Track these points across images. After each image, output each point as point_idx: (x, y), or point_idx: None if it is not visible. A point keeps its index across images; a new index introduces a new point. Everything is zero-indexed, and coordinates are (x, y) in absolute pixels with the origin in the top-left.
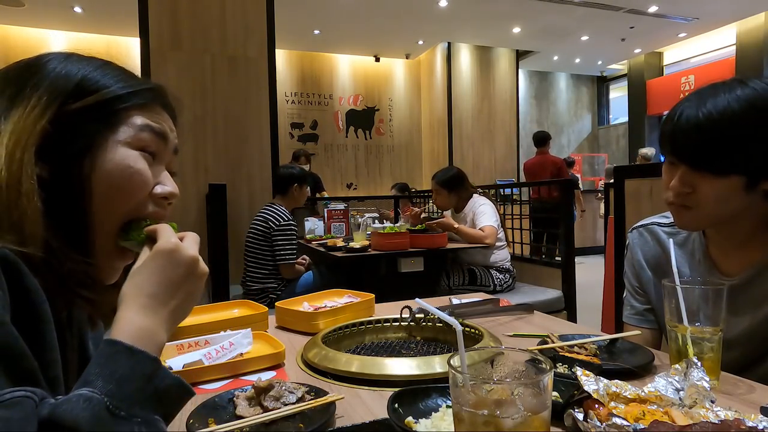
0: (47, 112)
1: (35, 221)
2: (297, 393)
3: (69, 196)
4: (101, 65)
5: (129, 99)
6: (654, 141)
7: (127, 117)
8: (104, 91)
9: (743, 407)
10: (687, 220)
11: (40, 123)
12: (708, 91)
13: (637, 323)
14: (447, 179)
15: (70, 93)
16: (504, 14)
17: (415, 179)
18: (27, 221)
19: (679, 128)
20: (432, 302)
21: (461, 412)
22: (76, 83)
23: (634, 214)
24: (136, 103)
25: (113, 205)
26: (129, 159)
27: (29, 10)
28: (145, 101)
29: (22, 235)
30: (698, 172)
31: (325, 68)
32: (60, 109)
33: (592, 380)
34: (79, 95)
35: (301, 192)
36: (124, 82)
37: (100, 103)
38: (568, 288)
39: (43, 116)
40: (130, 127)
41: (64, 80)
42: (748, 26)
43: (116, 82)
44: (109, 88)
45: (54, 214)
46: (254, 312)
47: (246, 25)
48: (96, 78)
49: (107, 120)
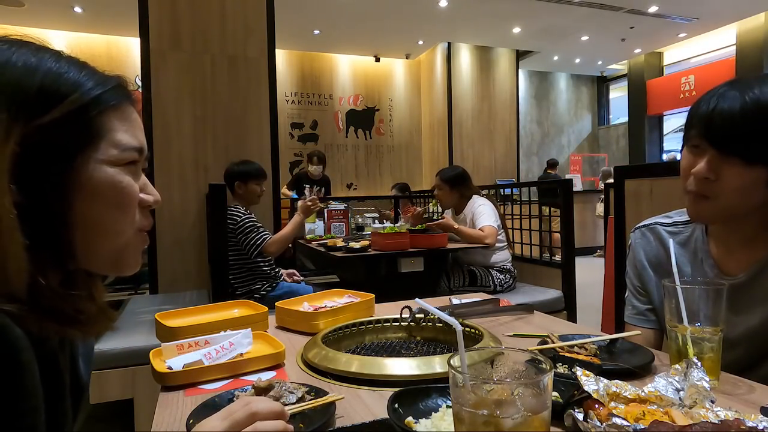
0: (13, 133)
1: (19, 258)
2: (297, 393)
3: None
4: (55, 57)
5: (100, 103)
6: (654, 141)
7: (105, 128)
8: (74, 96)
9: (743, 407)
10: (703, 210)
11: (7, 148)
12: (751, 80)
13: (639, 323)
14: (452, 176)
15: (34, 103)
16: (504, 14)
17: (415, 179)
18: (10, 259)
19: (719, 111)
20: (432, 302)
21: (461, 412)
22: (38, 89)
23: (634, 214)
24: (109, 105)
25: (104, 225)
26: (115, 177)
27: (29, 10)
28: (117, 102)
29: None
30: (727, 159)
31: (325, 68)
32: (27, 126)
33: (592, 380)
34: (44, 104)
35: (247, 189)
36: (89, 79)
37: (72, 112)
38: (568, 288)
39: (9, 138)
40: (113, 147)
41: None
42: (748, 26)
43: (83, 81)
44: (78, 90)
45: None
46: (254, 312)
47: (246, 25)
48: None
49: (84, 134)
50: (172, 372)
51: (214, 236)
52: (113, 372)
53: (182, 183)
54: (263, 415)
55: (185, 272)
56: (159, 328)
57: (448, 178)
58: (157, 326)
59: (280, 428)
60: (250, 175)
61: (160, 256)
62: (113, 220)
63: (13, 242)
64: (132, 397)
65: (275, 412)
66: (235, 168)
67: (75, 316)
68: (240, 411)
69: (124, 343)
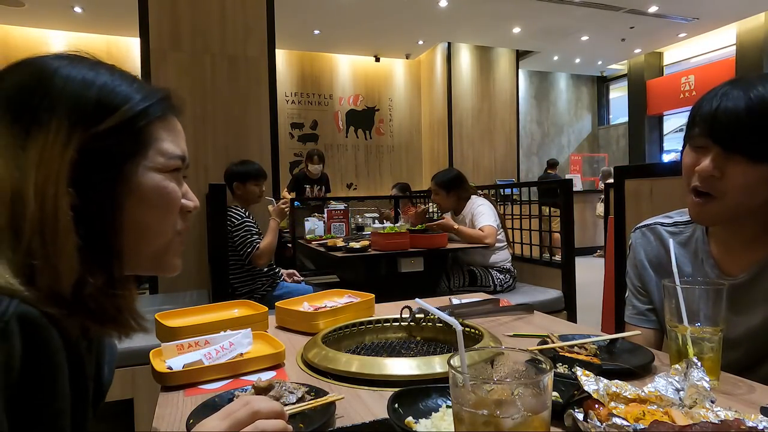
0: (73, 140)
1: (72, 257)
2: (297, 393)
3: (103, 226)
4: (109, 72)
5: (149, 114)
6: (654, 141)
7: (152, 138)
8: (125, 108)
9: (743, 407)
10: (707, 210)
11: (67, 153)
12: (754, 79)
13: (639, 323)
14: (446, 180)
15: (91, 113)
16: (504, 14)
17: (415, 179)
18: (64, 258)
19: (723, 109)
20: (432, 302)
21: (461, 412)
22: (96, 101)
23: (634, 214)
24: (156, 117)
25: (149, 227)
26: (161, 183)
27: (29, 10)
28: (163, 113)
29: (56, 273)
30: (731, 157)
31: (325, 68)
32: (84, 134)
33: (592, 380)
34: (100, 115)
35: (246, 189)
36: (138, 92)
37: (124, 122)
38: (568, 288)
39: (69, 145)
40: (160, 155)
41: (81, 98)
42: (748, 26)
43: (133, 94)
44: (129, 102)
45: (88, 247)
46: (254, 312)
47: (246, 25)
48: (113, 91)
49: (135, 142)
50: (172, 372)
51: (214, 236)
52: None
53: None
54: (264, 414)
55: (185, 272)
56: (159, 328)
57: (443, 183)
58: (157, 326)
59: (280, 427)
60: (249, 175)
61: None
62: (157, 222)
63: (68, 242)
64: (132, 397)
65: (275, 411)
66: (234, 168)
67: (116, 315)
68: (241, 410)
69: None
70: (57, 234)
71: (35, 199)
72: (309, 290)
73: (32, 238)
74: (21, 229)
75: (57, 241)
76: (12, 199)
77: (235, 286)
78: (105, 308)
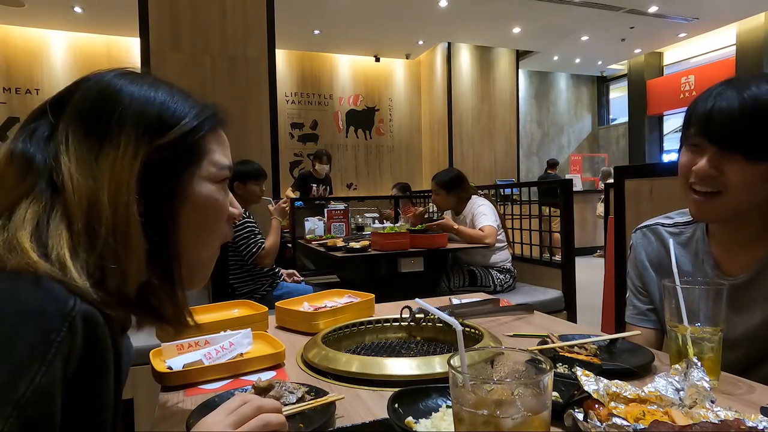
0: (140, 152)
1: (141, 259)
2: (297, 393)
3: (164, 231)
4: (167, 89)
5: (203, 128)
6: (654, 141)
7: (205, 149)
8: (183, 123)
9: (743, 407)
10: (710, 206)
11: (135, 164)
12: (748, 79)
13: (640, 323)
14: (447, 180)
15: (154, 128)
16: (504, 14)
17: (415, 179)
18: (134, 260)
19: (718, 109)
20: (432, 302)
21: (461, 412)
22: (158, 117)
23: (634, 214)
24: (208, 130)
25: (199, 234)
26: (213, 192)
27: (29, 10)
28: (213, 127)
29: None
30: (728, 156)
31: (325, 68)
32: (149, 146)
33: (592, 380)
34: (161, 129)
35: (246, 189)
36: (193, 108)
37: (182, 135)
38: (568, 288)
39: (137, 157)
40: (212, 165)
41: (146, 114)
42: (748, 26)
43: (189, 110)
44: (185, 117)
45: (153, 251)
46: (254, 312)
47: (246, 26)
48: (171, 107)
49: (191, 154)
50: (172, 372)
51: None
52: None
53: None
54: (267, 409)
55: None
56: (159, 328)
57: (443, 183)
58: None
59: (281, 420)
60: (249, 175)
61: None
62: (209, 229)
63: (138, 246)
64: (132, 397)
65: (276, 407)
66: (235, 168)
67: (175, 314)
68: (246, 405)
69: None
70: (129, 238)
71: (110, 206)
72: (309, 290)
73: (106, 242)
74: (96, 233)
75: (129, 245)
76: (88, 206)
77: (235, 286)
78: (165, 308)
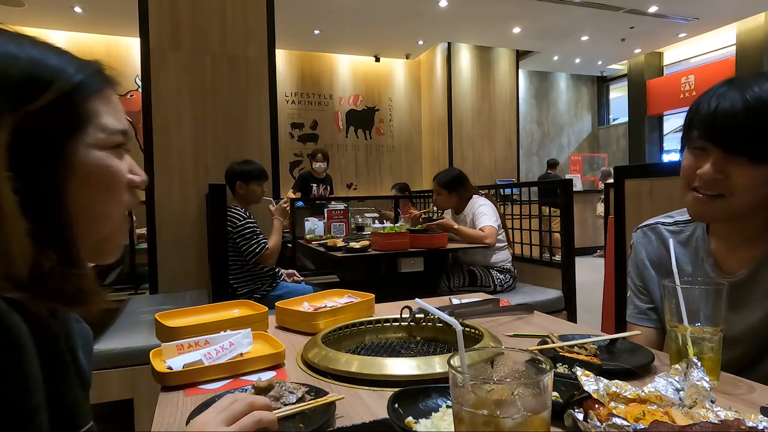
0: (6, 121)
1: (22, 241)
2: (297, 393)
3: (48, 208)
4: (34, 43)
5: (86, 87)
6: (654, 141)
7: (90, 112)
8: (57, 83)
9: (743, 407)
10: (713, 208)
11: (2, 136)
12: (749, 78)
13: (640, 322)
14: (448, 180)
15: (21, 91)
16: (504, 14)
17: (415, 179)
18: (14, 242)
19: (722, 111)
20: (432, 302)
21: (461, 412)
22: (22, 77)
23: (634, 214)
24: (93, 90)
25: (94, 207)
26: (103, 159)
27: (29, 10)
28: (99, 86)
29: (9, 258)
30: (733, 159)
31: (325, 68)
32: (16, 114)
33: (592, 380)
34: (31, 91)
35: (248, 189)
36: (71, 65)
37: (59, 98)
38: (568, 288)
39: (1, 126)
40: (100, 131)
41: (7, 76)
42: (748, 26)
43: (65, 67)
44: (61, 77)
45: (38, 231)
46: (254, 312)
47: (246, 25)
48: (42, 64)
49: (72, 119)
50: (172, 372)
51: (214, 236)
52: (113, 372)
53: (182, 183)
54: (258, 406)
55: (185, 272)
56: (159, 328)
57: (445, 182)
58: (157, 326)
59: (273, 418)
60: (252, 175)
61: (160, 256)
62: (104, 202)
63: (16, 226)
64: (132, 397)
65: (267, 404)
66: (237, 168)
67: (77, 295)
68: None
69: (124, 343)
70: (3, 219)
71: None
72: (309, 290)
73: None
74: None
75: (4, 227)
76: None
77: (235, 286)
78: (65, 289)
